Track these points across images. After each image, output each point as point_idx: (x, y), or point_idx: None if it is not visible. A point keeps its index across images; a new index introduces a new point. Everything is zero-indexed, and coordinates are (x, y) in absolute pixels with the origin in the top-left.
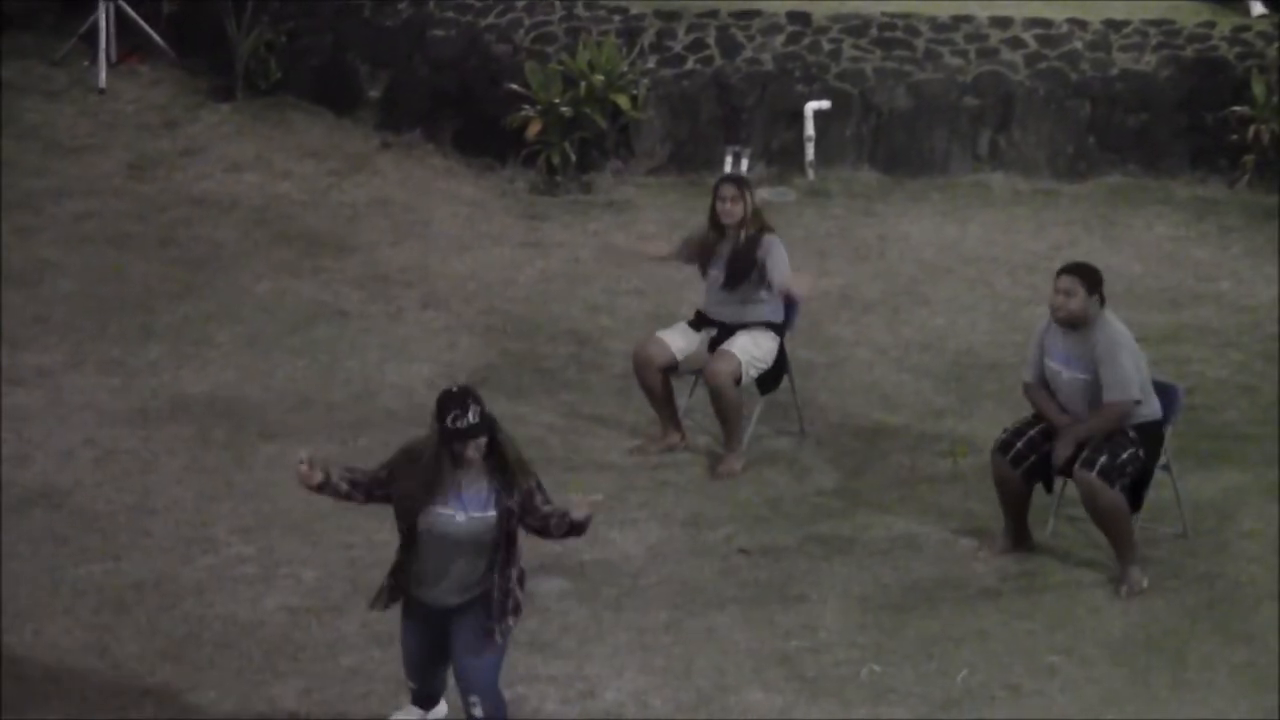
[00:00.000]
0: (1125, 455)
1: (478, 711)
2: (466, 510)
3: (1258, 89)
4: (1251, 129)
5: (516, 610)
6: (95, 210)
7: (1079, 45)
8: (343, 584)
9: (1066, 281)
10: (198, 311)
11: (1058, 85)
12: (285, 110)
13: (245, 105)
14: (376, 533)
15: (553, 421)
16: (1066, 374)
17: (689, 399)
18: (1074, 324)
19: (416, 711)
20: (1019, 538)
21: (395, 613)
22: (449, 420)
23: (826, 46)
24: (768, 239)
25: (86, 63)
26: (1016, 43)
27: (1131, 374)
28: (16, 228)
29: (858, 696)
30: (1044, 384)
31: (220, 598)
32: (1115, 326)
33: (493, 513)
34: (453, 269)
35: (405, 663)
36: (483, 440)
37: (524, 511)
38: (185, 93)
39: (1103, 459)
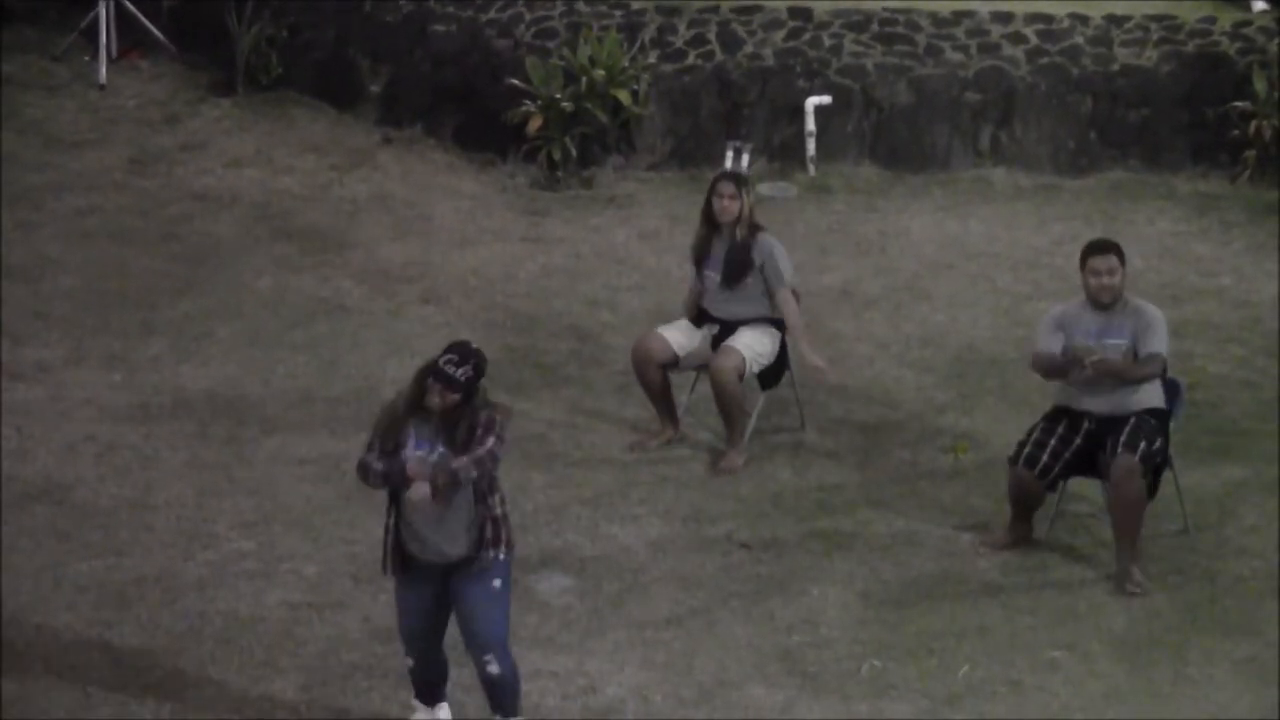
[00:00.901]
0: (1157, 444)
1: (493, 668)
2: (434, 449)
3: (1259, 84)
4: (1253, 124)
5: (506, 541)
6: (96, 205)
7: (1080, 40)
8: (344, 579)
9: (1108, 261)
10: (199, 307)
11: (1059, 80)
12: (286, 105)
13: (246, 100)
14: (377, 528)
15: (553, 417)
16: (1099, 346)
17: (690, 395)
18: (1112, 303)
19: (425, 711)
20: (1022, 534)
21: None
22: (441, 358)
23: (827, 42)
24: (765, 240)
25: (87, 58)
26: (1018, 38)
27: (1166, 340)
28: (17, 223)
29: (859, 692)
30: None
31: (221, 593)
32: (1145, 301)
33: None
34: (454, 264)
35: (403, 635)
36: (450, 397)
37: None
38: (186, 88)
39: (1143, 445)
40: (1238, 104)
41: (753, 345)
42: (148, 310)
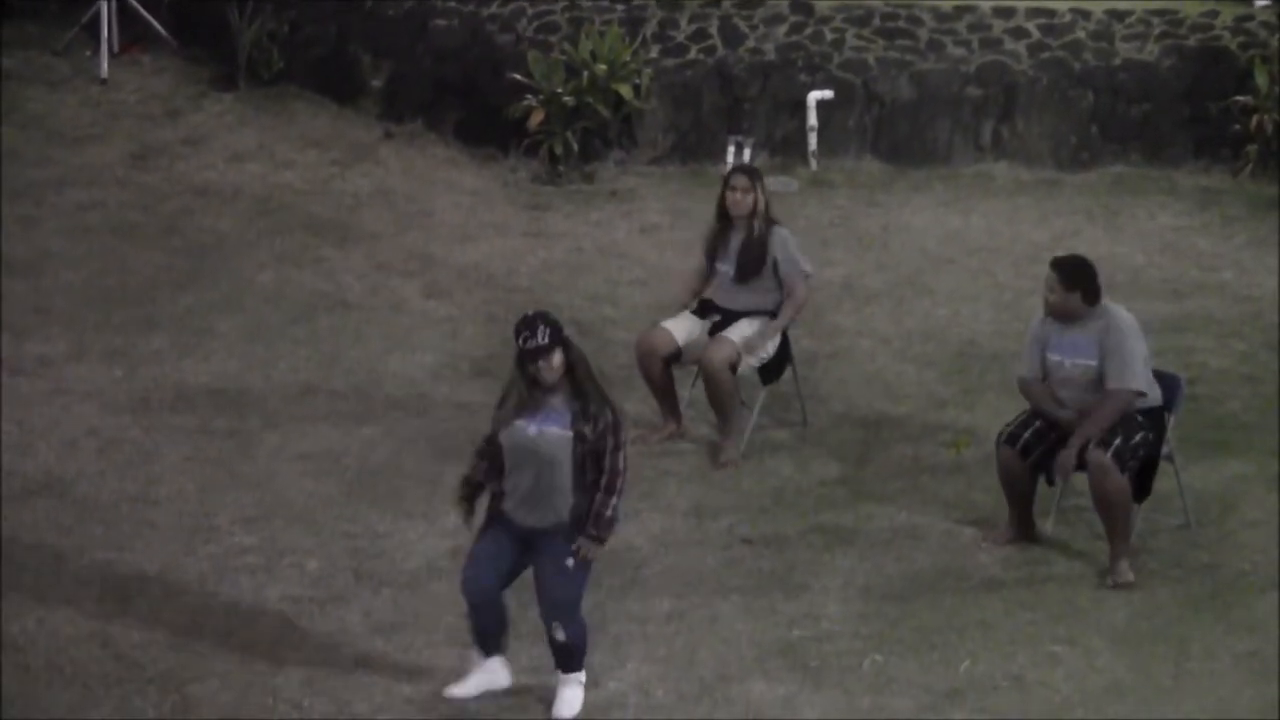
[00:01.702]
0: (1137, 439)
1: (559, 635)
2: (541, 426)
3: (1260, 79)
4: (1254, 119)
5: (600, 530)
6: (98, 200)
7: (1082, 35)
8: (345, 574)
9: (1048, 277)
10: (200, 301)
11: (1061, 75)
12: (288, 100)
13: (248, 95)
14: (379, 523)
15: None
16: (1069, 363)
17: (691, 390)
18: (1060, 319)
19: (478, 659)
20: (1022, 528)
21: (398, 601)
22: (520, 342)
23: (829, 36)
24: (779, 233)
25: (89, 52)
26: (1019, 32)
27: (1138, 363)
28: (19, 218)
29: (860, 686)
30: (1041, 379)
31: (223, 588)
32: (1120, 315)
33: (568, 432)
34: (455, 259)
35: (465, 581)
36: (555, 358)
37: (593, 449)
38: (187, 82)
39: (1117, 441)
40: (1239, 98)
41: (748, 336)
42: (149, 305)
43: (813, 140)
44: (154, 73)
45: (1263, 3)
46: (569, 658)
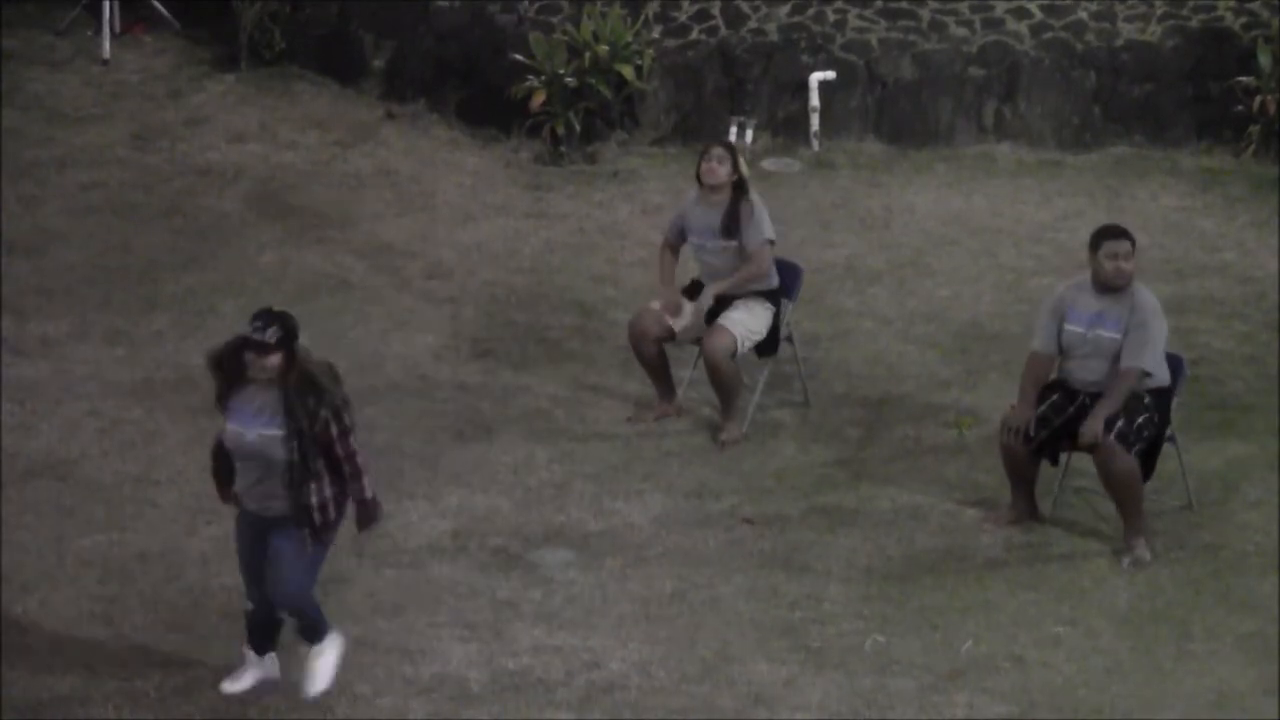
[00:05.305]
0: (1141, 420)
1: (293, 621)
2: (253, 427)
3: (1264, 59)
4: (1257, 99)
5: (326, 527)
6: (99, 181)
7: (1084, 15)
8: (345, 556)
9: (1124, 245)
10: (202, 282)
11: (1063, 55)
12: (289, 80)
13: (249, 75)
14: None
15: (556, 392)
16: (1091, 334)
17: (693, 371)
18: (1115, 289)
19: (250, 670)
20: (1025, 509)
21: (400, 581)
22: (250, 326)
23: (831, 17)
24: (746, 202)
25: (90, 32)
26: (1022, 13)
27: (1157, 345)
28: (21, 198)
29: (862, 667)
30: (1054, 355)
31: (224, 568)
32: (1147, 294)
33: (279, 431)
34: (457, 240)
35: (240, 568)
36: (270, 360)
37: (319, 441)
38: (189, 63)
39: (1120, 423)
40: (1242, 79)
41: (745, 322)
42: (151, 285)
43: (815, 121)
44: (156, 53)
45: None
46: (312, 632)
